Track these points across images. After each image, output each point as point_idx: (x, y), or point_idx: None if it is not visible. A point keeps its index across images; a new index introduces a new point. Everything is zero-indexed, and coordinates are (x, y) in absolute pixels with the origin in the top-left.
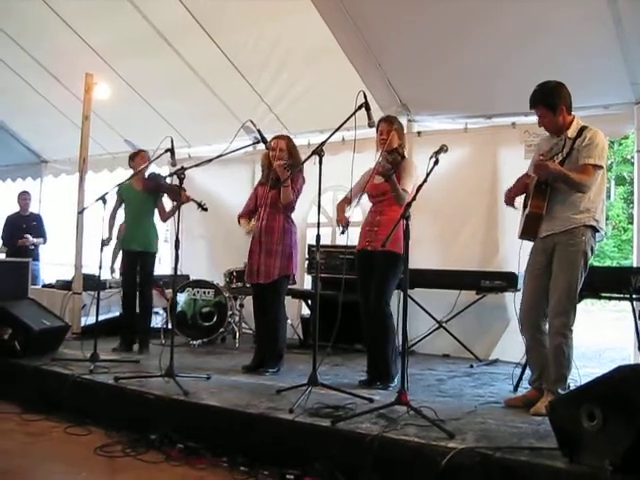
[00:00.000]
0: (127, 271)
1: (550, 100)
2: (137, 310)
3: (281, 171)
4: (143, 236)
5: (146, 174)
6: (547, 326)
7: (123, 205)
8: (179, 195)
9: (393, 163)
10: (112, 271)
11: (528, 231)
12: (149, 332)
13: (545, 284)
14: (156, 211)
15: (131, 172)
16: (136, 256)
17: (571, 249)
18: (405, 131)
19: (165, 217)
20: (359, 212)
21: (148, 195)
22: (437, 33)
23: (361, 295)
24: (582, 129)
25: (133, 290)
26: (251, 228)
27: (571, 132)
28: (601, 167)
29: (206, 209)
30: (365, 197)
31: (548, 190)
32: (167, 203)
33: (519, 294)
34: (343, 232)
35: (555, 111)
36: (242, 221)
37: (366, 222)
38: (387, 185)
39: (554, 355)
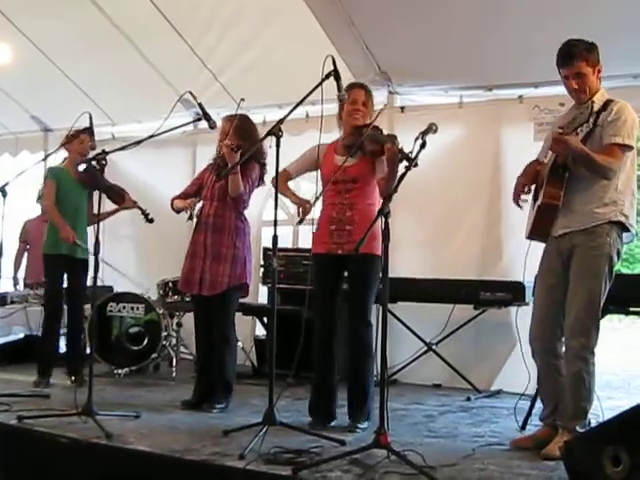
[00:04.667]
0: (56, 281)
1: (592, 56)
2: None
3: (228, 154)
4: (84, 237)
5: (80, 166)
6: (563, 349)
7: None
8: (122, 198)
9: (375, 144)
10: (15, 282)
11: (539, 228)
12: (84, 358)
13: (561, 296)
14: None
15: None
16: (70, 261)
17: (593, 252)
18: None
19: (94, 219)
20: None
21: (84, 188)
22: None
23: (321, 310)
24: (607, 102)
25: (61, 306)
26: (188, 205)
27: (597, 102)
28: (631, 148)
29: (152, 220)
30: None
31: (566, 175)
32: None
33: (528, 309)
34: (301, 222)
35: (594, 70)
36: (176, 202)
37: (328, 219)
38: (360, 168)
39: (572, 384)
